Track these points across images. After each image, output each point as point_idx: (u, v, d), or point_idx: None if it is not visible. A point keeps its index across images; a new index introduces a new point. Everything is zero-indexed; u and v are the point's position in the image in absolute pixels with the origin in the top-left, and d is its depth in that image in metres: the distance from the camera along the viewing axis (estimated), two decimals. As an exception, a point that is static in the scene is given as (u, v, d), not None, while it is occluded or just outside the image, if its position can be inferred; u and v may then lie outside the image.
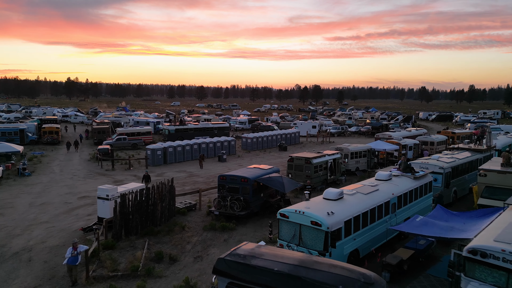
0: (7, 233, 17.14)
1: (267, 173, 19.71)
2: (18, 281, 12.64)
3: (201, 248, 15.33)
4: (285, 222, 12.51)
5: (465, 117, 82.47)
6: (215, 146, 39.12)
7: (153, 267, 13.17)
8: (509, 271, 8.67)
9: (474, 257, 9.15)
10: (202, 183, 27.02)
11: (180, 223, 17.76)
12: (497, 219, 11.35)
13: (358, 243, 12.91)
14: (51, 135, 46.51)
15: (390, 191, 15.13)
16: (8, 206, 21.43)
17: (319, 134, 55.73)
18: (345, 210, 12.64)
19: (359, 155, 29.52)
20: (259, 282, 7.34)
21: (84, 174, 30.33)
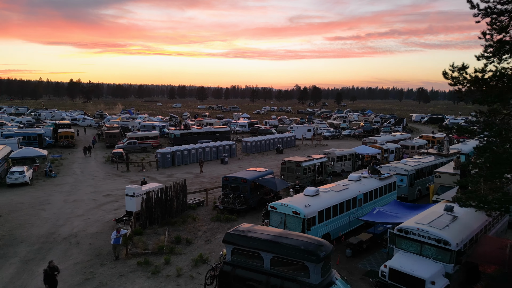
0: (53, 223, 21.29)
1: (263, 175, 23.88)
2: (73, 257, 16.78)
3: (210, 234, 19.50)
4: (274, 212, 16.67)
5: (454, 120, 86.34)
6: (217, 150, 43.25)
7: (174, 247, 17.35)
8: (421, 242, 12.83)
9: (401, 234, 13.33)
10: (207, 183, 31.17)
11: (191, 216, 21.94)
12: (428, 209, 15.52)
13: (329, 228, 17.09)
14: (66, 139, 50.68)
15: (358, 189, 19.31)
16: (46, 203, 25.60)
17: (313, 137, 59.87)
18: (319, 204, 16.81)
19: (345, 159, 33.69)
20: (252, 246, 11.50)
21: (103, 175, 34.50)
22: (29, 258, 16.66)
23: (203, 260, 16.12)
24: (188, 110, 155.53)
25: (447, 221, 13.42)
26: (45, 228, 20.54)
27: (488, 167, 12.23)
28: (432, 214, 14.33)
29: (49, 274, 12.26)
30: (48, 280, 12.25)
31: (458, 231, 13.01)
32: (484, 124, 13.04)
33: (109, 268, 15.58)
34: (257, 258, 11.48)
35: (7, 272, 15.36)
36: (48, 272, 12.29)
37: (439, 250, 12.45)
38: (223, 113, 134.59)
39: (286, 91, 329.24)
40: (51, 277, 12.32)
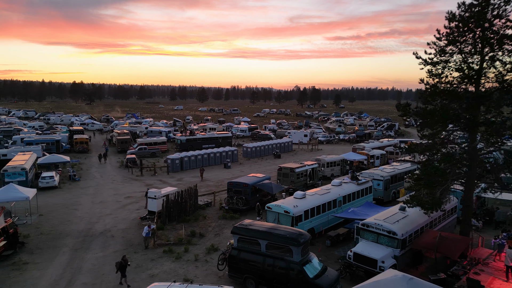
0: (88, 221, 25.77)
1: (261, 180, 28.37)
2: (111, 247, 21.25)
3: (218, 229, 23.98)
4: (269, 212, 21.14)
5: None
6: (221, 155, 47.71)
7: (190, 239, 21.83)
8: (378, 233, 17.30)
9: (363, 227, 17.80)
10: (213, 186, 35.66)
11: (202, 214, 26.44)
12: (388, 209, 19.99)
13: (313, 224, 21.56)
14: (81, 145, 55.16)
15: (338, 193, 23.80)
16: (77, 204, 30.08)
17: (309, 142, 64.33)
18: (305, 204, 21.28)
19: (334, 164, 38.19)
20: (252, 235, 15.98)
21: (121, 179, 38.98)
22: (77, 248, 21.14)
23: (214, 248, 20.60)
24: (190, 112, 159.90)
25: (398, 218, 17.90)
26: (82, 225, 25.02)
27: (425, 178, 16.72)
28: (389, 212, 18.82)
29: (123, 265, 16.62)
30: (121, 270, 16.63)
31: (404, 225, 17.50)
32: (425, 145, 17.53)
33: (142, 255, 20.06)
34: (256, 244, 15.97)
35: (63, 258, 19.83)
36: (122, 264, 16.62)
37: (389, 239, 16.93)
38: (224, 116, 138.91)
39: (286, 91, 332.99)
40: (124, 267, 16.70)
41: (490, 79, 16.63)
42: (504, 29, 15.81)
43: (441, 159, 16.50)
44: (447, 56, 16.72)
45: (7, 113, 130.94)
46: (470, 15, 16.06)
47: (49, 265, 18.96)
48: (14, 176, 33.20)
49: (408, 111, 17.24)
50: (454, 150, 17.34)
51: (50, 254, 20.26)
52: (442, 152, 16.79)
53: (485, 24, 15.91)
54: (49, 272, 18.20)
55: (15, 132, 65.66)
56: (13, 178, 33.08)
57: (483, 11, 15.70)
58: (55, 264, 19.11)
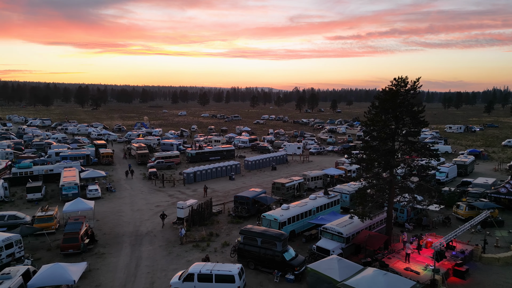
0: (134, 224, 35.62)
1: (259, 194, 38.25)
2: (157, 243, 31.09)
3: (228, 231, 33.86)
4: (264, 219, 31.02)
5: (424, 135, 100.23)
6: (226, 169, 57.52)
7: (210, 238, 31.73)
8: (332, 233, 27.18)
9: (323, 229, 27.72)
10: (221, 196, 45.49)
11: (216, 220, 36.34)
12: (343, 217, 29.87)
13: (294, 227, 31.45)
14: (107, 158, 65.07)
15: (313, 205, 33.70)
16: (121, 211, 39.93)
17: (302, 154, 74.15)
18: (288, 214, 31.17)
19: (317, 179, 48.08)
20: (253, 235, 25.91)
21: (148, 190, 48.83)
22: (133, 243, 31.03)
23: (227, 244, 30.46)
24: (194, 119, 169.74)
25: (346, 224, 27.80)
26: (130, 227, 34.91)
27: (359, 199, 26.59)
28: (342, 220, 28.74)
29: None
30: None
31: (349, 228, 27.39)
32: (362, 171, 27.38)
33: (179, 248, 29.95)
34: (255, 240, 25.84)
35: (126, 250, 29.70)
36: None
37: (339, 237, 26.81)
38: (226, 123, 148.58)
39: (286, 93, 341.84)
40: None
41: (399, 138, 26.47)
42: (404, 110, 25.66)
43: (369, 187, 26.35)
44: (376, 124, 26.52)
45: (23, 121, 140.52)
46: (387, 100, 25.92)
47: (119, 254, 28.87)
48: (69, 190, 43.08)
49: (352, 157, 27.08)
50: (379, 181, 27.13)
51: (116, 247, 30.16)
52: (370, 182, 26.63)
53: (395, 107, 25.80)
54: (121, 259, 28.10)
55: (46, 145, 75.52)
56: (68, 191, 43.00)
57: (394, 100, 25.56)
58: (123, 254, 29.00)
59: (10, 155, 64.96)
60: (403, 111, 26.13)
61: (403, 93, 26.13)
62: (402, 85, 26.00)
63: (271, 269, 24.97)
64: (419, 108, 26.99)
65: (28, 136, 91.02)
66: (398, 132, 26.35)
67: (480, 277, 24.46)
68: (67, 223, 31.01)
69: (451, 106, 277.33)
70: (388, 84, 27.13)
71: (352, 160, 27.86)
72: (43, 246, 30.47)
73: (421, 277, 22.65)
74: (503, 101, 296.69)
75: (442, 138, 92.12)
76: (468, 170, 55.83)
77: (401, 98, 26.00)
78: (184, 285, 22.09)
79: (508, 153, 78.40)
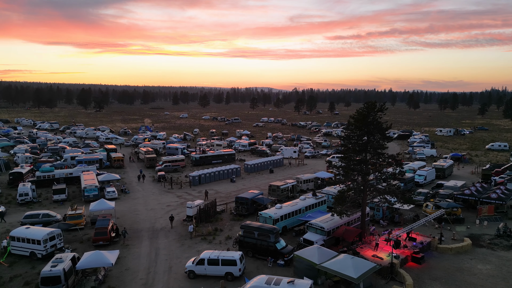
0: (149, 222, 41.53)
1: (257, 195, 44.18)
2: (171, 237, 37.01)
3: (230, 226, 39.79)
4: (261, 216, 36.97)
5: (413, 138, 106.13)
6: (228, 172, 63.43)
7: (215, 232, 37.67)
8: (316, 228, 33.13)
9: (309, 225, 33.68)
10: (224, 197, 51.40)
11: (219, 217, 42.26)
12: (327, 214, 35.83)
13: (286, 223, 37.39)
14: (118, 162, 70.98)
15: (303, 204, 39.64)
16: (136, 210, 45.82)
17: (297, 158, 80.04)
18: (281, 212, 37.11)
19: (309, 181, 54.00)
20: (251, 229, 31.86)
21: (158, 192, 54.74)
22: (151, 237, 36.95)
23: (229, 237, 36.38)
24: (195, 121, 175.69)
25: (327, 220, 33.73)
26: (147, 224, 40.82)
27: (337, 199, 32.51)
28: (325, 217, 34.66)
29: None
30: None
31: (331, 223, 33.31)
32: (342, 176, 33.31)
33: (189, 241, 35.87)
34: (252, 233, 31.78)
35: (146, 242, 35.61)
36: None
37: (321, 231, 32.73)
38: (226, 126, 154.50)
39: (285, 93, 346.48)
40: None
41: (370, 150, 32.40)
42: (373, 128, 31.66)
43: (347, 190, 32.28)
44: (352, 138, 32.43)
45: (32, 125, 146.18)
46: (360, 120, 31.89)
47: (140, 245, 34.80)
48: (90, 191, 48.99)
49: (332, 166, 32.95)
50: (355, 185, 33.00)
51: (138, 240, 36.09)
52: (347, 186, 32.56)
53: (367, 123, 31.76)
54: (143, 249, 34.03)
55: (60, 150, 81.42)
56: (90, 193, 48.91)
57: (365, 119, 31.56)
58: (143, 245, 34.93)
59: (29, 159, 70.91)
60: (372, 128, 32.04)
61: (372, 114, 32.03)
62: (372, 108, 31.91)
63: (266, 256, 30.91)
64: (386, 126, 32.93)
65: (41, 140, 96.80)
66: (369, 146, 32.24)
67: (433, 263, 30.39)
68: (97, 220, 36.96)
69: (447, 108, 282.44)
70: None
71: (333, 167, 33.77)
72: (75, 239, 36.39)
73: (383, 261, 28.58)
74: (498, 103, 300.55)
75: (429, 141, 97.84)
76: (446, 173, 61.70)
77: (371, 118, 31.91)
78: (196, 268, 28.03)
79: (490, 157, 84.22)
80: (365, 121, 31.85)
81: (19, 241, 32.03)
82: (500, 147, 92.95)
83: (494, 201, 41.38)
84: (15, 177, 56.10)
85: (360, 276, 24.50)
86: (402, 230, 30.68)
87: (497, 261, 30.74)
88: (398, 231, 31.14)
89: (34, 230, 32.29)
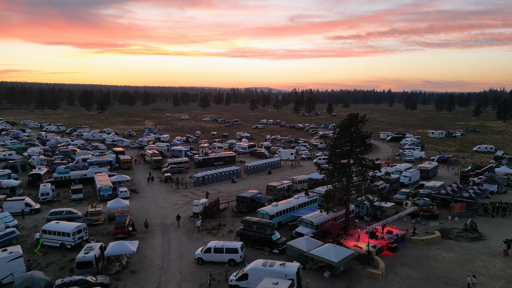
0: (160, 218, 46.70)
1: (256, 194, 49.41)
2: (180, 231, 42.16)
3: (232, 222, 45.00)
4: (259, 213, 42.20)
5: (405, 140, 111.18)
6: (229, 173, 68.61)
7: (219, 227, 42.88)
8: (306, 222, 38.33)
9: (300, 220, 38.92)
10: (226, 196, 56.58)
11: (222, 214, 47.48)
12: (317, 211, 41.06)
13: (281, 219, 42.63)
14: (127, 164, 76.16)
15: (296, 202, 44.89)
16: (147, 208, 50.99)
17: (294, 160, 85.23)
18: (277, 209, 42.36)
19: (303, 182, 59.21)
20: (250, 223, 37.10)
21: (165, 191, 59.92)
22: (163, 231, 42.13)
23: (231, 231, 41.57)
24: (196, 123, 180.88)
25: (316, 215, 38.95)
26: (158, 220, 46.00)
27: (324, 197, 37.70)
28: (315, 213, 39.87)
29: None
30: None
31: (319, 218, 38.52)
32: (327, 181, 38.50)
33: (197, 234, 41.05)
34: (251, 227, 36.99)
35: (159, 235, 40.80)
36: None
37: (311, 225, 37.94)
38: (227, 128, 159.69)
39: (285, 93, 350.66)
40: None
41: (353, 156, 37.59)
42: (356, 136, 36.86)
43: (334, 190, 37.48)
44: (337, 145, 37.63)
45: (39, 127, 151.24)
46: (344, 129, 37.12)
47: (154, 237, 39.98)
48: (105, 191, 54.16)
49: (320, 168, 38.21)
50: (340, 185, 38.16)
51: (151, 233, 41.28)
52: (333, 186, 37.76)
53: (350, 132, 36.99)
54: (157, 241, 39.22)
55: (71, 152, 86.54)
56: (105, 192, 54.09)
57: (348, 129, 36.78)
58: (157, 238, 40.12)
59: (44, 162, 76.05)
60: (355, 136, 37.25)
61: (355, 124, 37.24)
62: (354, 119, 37.13)
63: (263, 246, 36.13)
64: (367, 134, 38.13)
65: (51, 143, 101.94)
66: (352, 151, 37.46)
67: (405, 252, 35.60)
68: (116, 216, 42.16)
69: (443, 109, 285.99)
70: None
71: (320, 170, 39.01)
72: (96, 232, 41.53)
73: (362, 250, 33.78)
74: (494, 104, 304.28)
75: (420, 144, 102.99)
76: (430, 174, 66.91)
77: (354, 128, 37.12)
78: (204, 255, 33.24)
79: (475, 159, 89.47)
80: (348, 130, 37.07)
81: (50, 234, 37.20)
82: (486, 149, 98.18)
83: (466, 200, 46.58)
84: (34, 178, 61.32)
85: (340, 261, 29.71)
86: (377, 224, 35.96)
87: (460, 250, 35.96)
88: (374, 225, 36.44)
89: (63, 225, 37.49)
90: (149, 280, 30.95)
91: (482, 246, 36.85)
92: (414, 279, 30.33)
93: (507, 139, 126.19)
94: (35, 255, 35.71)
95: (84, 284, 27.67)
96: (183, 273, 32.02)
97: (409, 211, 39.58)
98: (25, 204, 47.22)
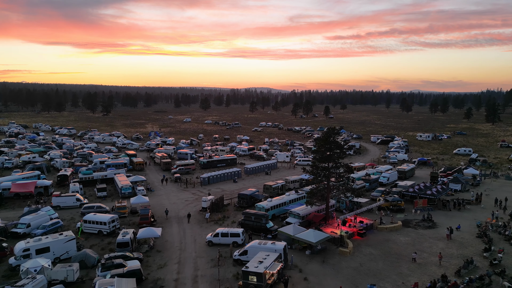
0: (174, 212, 56.09)
1: (254, 192, 58.89)
2: (192, 222, 51.50)
3: (235, 215, 54.42)
4: (256, 207, 51.66)
5: (393, 144, 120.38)
6: (231, 173, 78.02)
7: (223, 219, 52.33)
8: (294, 214, 47.78)
9: (290, 212, 48.38)
10: (229, 194, 65.97)
11: (226, 209, 56.93)
12: (303, 205, 50.52)
13: (275, 212, 52.10)
14: (140, 165, 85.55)
15: (288, 198, 54.42)
16: (162, 204, 60.36)
17: (289, 162, 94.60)
18: (271, 204, 51.87)
19: (295, 182, 68.68)
20: (249, 215, 46.56)
21: (176, 190, 69.31)
22: (177, 222, 51.54)
23: (234, 222, 50.98)
24: (198, 126, 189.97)
25: (303, 209, 48.39)
26: (172, 213, 55.39)
27: (309, 194, 47.14)
28: (302, 207, 49.34)
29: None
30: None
31: (305, 211, 47.97)
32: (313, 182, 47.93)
33: (206, 224, 50.46)
34: (250, 218, 46.44)
35: (175, 225, 50.21)
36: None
37: (298, 216, 47.37)
38: (227, 130, 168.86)
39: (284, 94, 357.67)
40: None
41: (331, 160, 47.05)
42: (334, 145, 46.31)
43: (316, 188, 46.88)
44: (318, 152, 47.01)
45: (51, 130, 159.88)
46: (324, 140, 46.51)
47: (171, 227, 49.39)
48: (126, 189, 63.56)
49: (305, 170, 47.48)
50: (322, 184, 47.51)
51: (169, 224, 50.68)
52: (316, 185, 47.20)
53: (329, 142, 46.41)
54: (174, 229, 48.62)
55: (88, 155, 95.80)
56: (126, 190, 63.48)
57: (327, 139, 46.17)
58: (173, 227, 49.52)
59: (66, 164, 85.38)
60: (333, 146, 46.68)
61: (332, 135, 46.67)
62: (332, 132, 46.58)
63: (259, 233, 45.57)
64: (344, 143, 47.59)
65: (67, 146, 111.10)
66: (331, 157, 46.90)
67: (371, 237, 45.03)
68: (140, 209, 51.60)
69: (438, 111, 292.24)
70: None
71: (305, 172, 48.44)
72: (123, 222, 50.87)
73: (336, 235, 43.21)
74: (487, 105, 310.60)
75: (405, 146, 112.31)
76: (407, 175, 76.29)
77: (332, 138, 46.54)
78: (213, 238, 42.67)
79: (453, 161, 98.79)
80: (327, 140, 46.54)
81: (90, 223, 46.60)
82: (465, 152, 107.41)
83: (428, 196, 56.01)
84: (61, 179, 70.69)
85: (318, 242, 39.16)
86: (348, 214, 45.54)
87: (415, 235, 45.42)
88: (346, 214, 46.07)
89: (101, 216, 46.93)
90: (172, 256, 40.40)
91: (433, 232, 46.33)
92: (373, 255, 39.80)
93: (489, 142, 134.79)
94: (79, 240, 45.10)
95: (125, 258, 37.07)
96: (198, 252, 41.48)
97: (375, 205, 49.07)
98: (76, 199, 56.97)
